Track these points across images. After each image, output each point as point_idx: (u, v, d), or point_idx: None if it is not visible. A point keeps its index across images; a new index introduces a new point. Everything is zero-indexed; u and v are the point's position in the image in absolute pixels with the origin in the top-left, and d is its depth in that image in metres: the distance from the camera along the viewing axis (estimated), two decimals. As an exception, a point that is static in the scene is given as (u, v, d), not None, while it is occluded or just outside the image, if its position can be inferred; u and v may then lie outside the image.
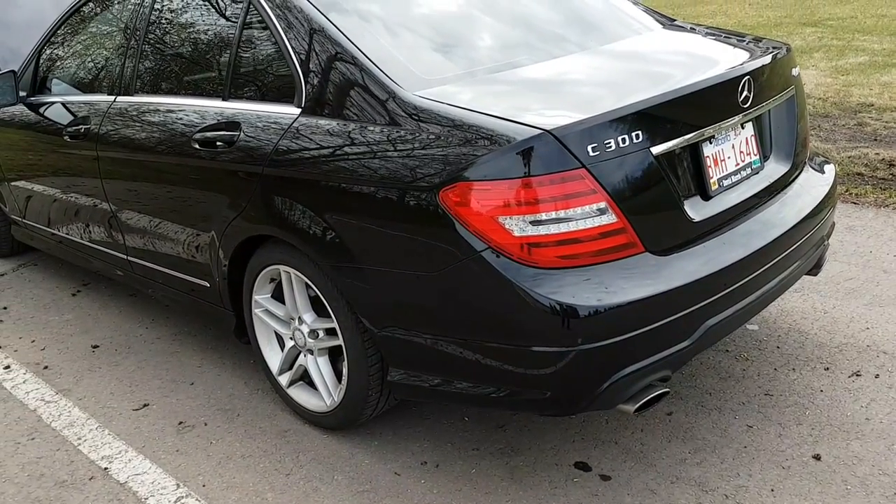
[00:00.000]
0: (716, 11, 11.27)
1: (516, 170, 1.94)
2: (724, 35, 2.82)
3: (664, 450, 2.41)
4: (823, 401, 2.58)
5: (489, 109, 2.05)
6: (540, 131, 1.94)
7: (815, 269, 2.65)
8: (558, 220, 1.96)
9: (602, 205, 1.98)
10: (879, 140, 5.24)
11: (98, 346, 3.34)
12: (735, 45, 2.62)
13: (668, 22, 2.97)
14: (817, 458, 2.32)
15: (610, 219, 1.99)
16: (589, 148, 1.96)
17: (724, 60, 2.39)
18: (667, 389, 2.11)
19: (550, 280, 1.97)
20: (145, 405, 2.88)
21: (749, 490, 2.22)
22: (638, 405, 2.06)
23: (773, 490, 2.21)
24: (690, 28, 2.91)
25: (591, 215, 1.98)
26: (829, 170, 2.70)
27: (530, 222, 1.96)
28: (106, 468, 2.53)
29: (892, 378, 2.66)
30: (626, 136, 2.01)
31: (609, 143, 1.99)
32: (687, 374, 2.77)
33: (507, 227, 1.96)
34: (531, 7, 2.72)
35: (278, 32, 2.46)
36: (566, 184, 1.95)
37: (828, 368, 2.75)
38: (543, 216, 1.96)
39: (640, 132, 2.03)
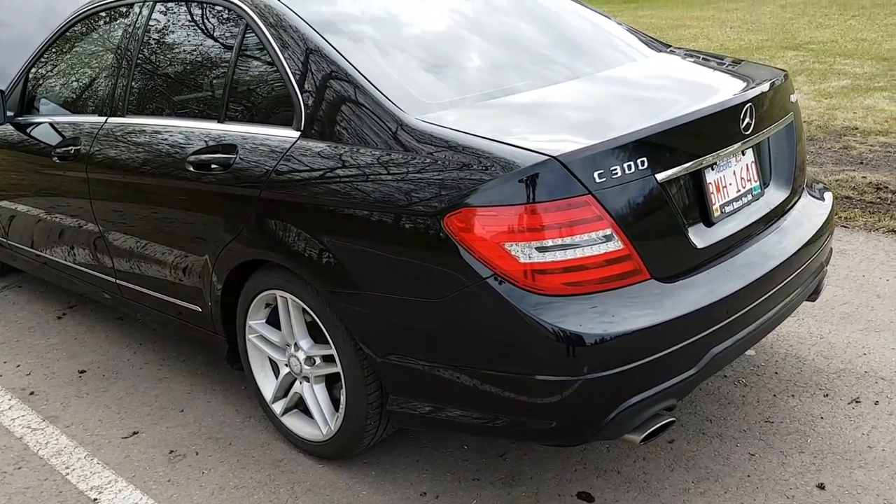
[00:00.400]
0: (697, 35, 11.41)
1: (522, 196, 1.92)
2: (720, 61, 2.83)
3: (667, 479, 2.38)
4: (824, 428, 2.56)
5: (494, 135, 2.03)
6: (546, 157, 1.92)
7: (813, 295, 2.65)
8: (564, 247, 1.94)
9: (608, 231, 1.96)
10: (865, 163, 5.29)
11: (85, 371, 3.27)
12: (733, 72, 2.63)
13: (664, 47, 2.98)
14: (821, 487, 2.30)
15: (616, 245, 1.98)
16: (595, 174, 1.95)
17: (725, 87, 2.39)
18: (673, 419, 2.08)
19: (556, 307, 1.94)
20: (135, 433, 2.81)
21: (754, 520, 2.20)
22: (645, 435, 2.04)
23: (778, 520, 2.19)
24: (686, 54, 2.91)
25: (597, 242, 1.96)
26: (828, 196, 2.71)
27: (536, 249, 1.93)
28: (95, 499, 2.46)
29: (892, 405, 2.65)
30: (631, 163, 1.99)
31: (615, 169, 1.97)
32: (687, 401, 2.75)
33: (512, 253, 1.94)
34: (528, 33, 2.72)
35: (277, 55, 2.43)
36: (572, 210, 1.93)
37: (827, 395, 2.74)
38: (549, 242, 1.93)
39: (645, 159, 2.02)
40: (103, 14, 3.29)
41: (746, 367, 2.94)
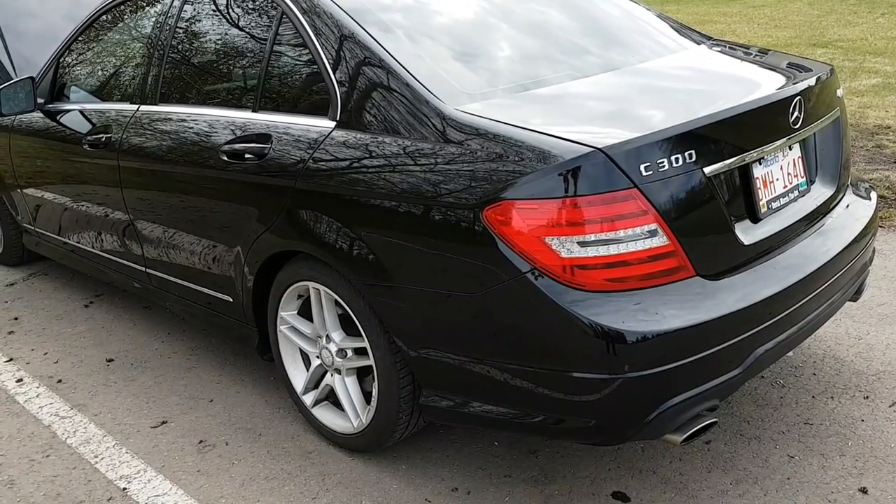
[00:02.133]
0: (724, 31, 11.27)
1: (565, 189, 1.87)
2: (763, 54, 2.77)
3: (704, 480, 2.34)
4: (865, 431, 2.50)
5: (536, 126, 1.99)
6: (591, 149, 1.88)
7: (856, 296, 2.58)
8: (607, 242, 1.89)
9: (653, 226, 1.91)
10: (900, 163, 5.19)
11: (113, 360, 3.26)
12: (778, 65, 2.57)
13: (705, 39, 2.91)
14: (864, 491, 2.24)
15: (661, 241, 1.93)
16: (641, 167, 1.90)
17: (772, 80, 2.33)
18: (716, 419, 2.03)
19: (597, 304, 1.90)
20: (163, 422, 2.80)
21: (795, 524, 2.15)
22: (686, 435, 1.99)
23: (820, 525, 2.14)
24: (728, 46, 2.85)
25: (642, 237, 1.91)
26: (873, 195, 2.64)
27: (578, 243, 1.89)
28: (125, 488, 2.45)
29: (935, 409, 2.59)
30: (679, 156, 1.94)
31: (662, 162, 1.92)
32: (723, 402, 2.69)
33: (553, 247, 1.90)
34: (568, 24, 2.66)
35: (313, 44, 2.40)
36: (616, 204, 1.89)
37: (867, 397, 2.67)
38: (592, 237, 1.89)
39: (692, 152, 1.97)
40: (134, 3, 3.27)
41: (784, 367, 2.88)
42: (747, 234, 2.11)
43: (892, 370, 2.82)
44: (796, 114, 2.21)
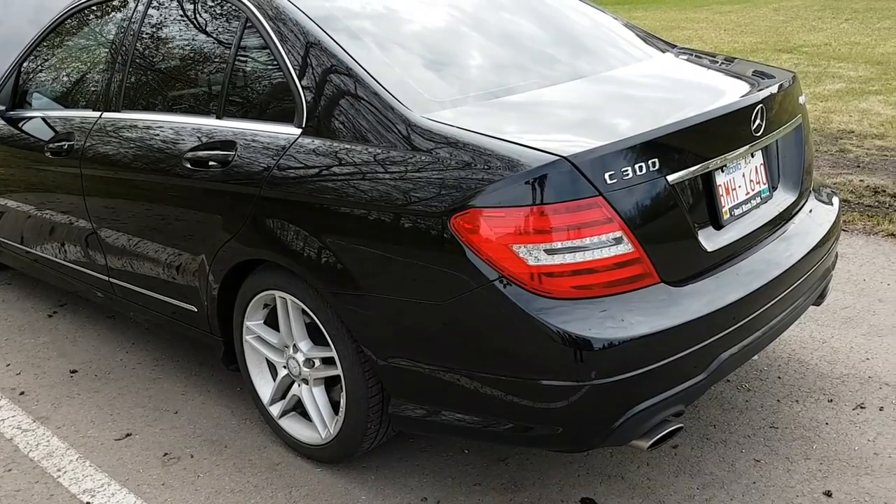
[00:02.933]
0: (691, 37, 11.40)
1: (532, 197, 1.88)
2: (727, 62, 2.80)
3: (672, 485, 2.35)
4: (829, 434, 2.54)
5: (502, 134, 1.99)
6: (556, 158, 1.88)
7: (819, 300, 2.62)
8: (573, 250, 1.90)
9: (618, 234, 1.92)
10: (862, 167, 5.28)
11: (76, 371, 3.20)
12: (741, 73, 2.60)
13: (670, 48, 2.94)
14: (828, 494, 2.27)
15: (626, 248, 1.94)
16: (606, 175, 1.91)
17: (735, 88, 2.36)
18: (681, 424, 2.04)
19: (564, 311, 1.90)
20: (128, 435, 2.75)
21: (761, 528, 2.16)
22: (653, 441, 2.00)
23: (785, 528, 2.16)
24: (692, 54, 2.88)
25: (607, 244, 1.92)
26: (835, 200, 2.68)
27: (545, 251, 1.89)
28: (88, 502, 2.40)
29: (897, 411, 2.63)
30: (642, 164, 1.95)
31: (626, 170, 1.93)
32: (690, 406, 2.71)
33: (520, 255, 1.90)
34: (533, 32, 2.67)
35: (278, 50, 2.38)
36: (582, 212, 1.89)
37: (831, 400, 2.71)
38: (558, 245, 1.89)
39: (656, 160, 1.98)
40: (98, 7, 3.22)
41: (749, 371, 2.91)
42: (710, 240, 2.13)
43: (855, 373, 2.86)
44: (758, 121, 2.24)
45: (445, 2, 2.66)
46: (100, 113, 3.03)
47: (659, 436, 2.00)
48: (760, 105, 2.24)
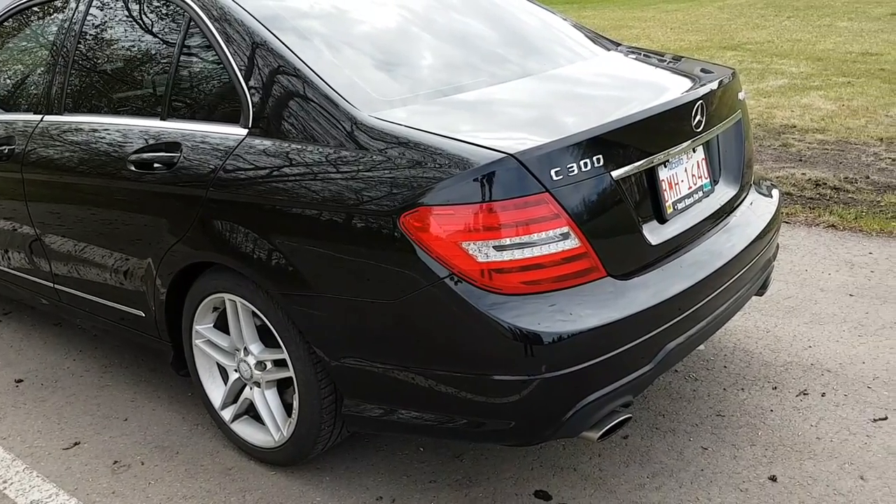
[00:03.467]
0: (639, 35, 11.58)
1: (480, 194, 1.89)
2: (669, 59, 2.86)
3: (622, 475, 2.39)
4: (774, 420, 2.61)
5: (450, 133, 2.00)
6: (503, 155, 1.90)
7: (762, 290, 2.69)
8: (521, 246, 1.92)
9: (565, 229, 1.95)
10: (804, 160, 5.43)
11: (22, 381, 3.13)
12: (683, 70, 2.65)
13: (614, 46, 2.99)
14: (773, 479, 2.33)
15: (573, 243, 1.97)
16: (552, 172, 1.93)
17: (676, 85, 2.41)
18: (630, 415, 2.09)
19: (514, 306, 1.92)
20: (76, 444, 2.70)
21: (710, 514, 2.22)
22: (602, 432, 2.03)
23: (733, 513, 2.21)
24: (636, 52, 2.93)
25: (554, 240, 1.94)
26: (775, 193, 2.76)
27: (493, 247, 1.91)
28: (35, 515, 2.35)
29: (838, 396, 2.71)
30: (587, 161, 1.99)
31: (571, 167, 1.96)
32: (639, 396, 2.76)
33: (469, 252, 1.91)
34: (480, 31, 2.69)
35: (223, 51, 2.36)
36: (529, 208, 1.92)
37: (776, 388, 2.79)
38: (507, 241, 1.91)
39: (600, 156, 2.01)
40: (39, 8, 3.15)
41: (696, 361, 2.98)
42: (655, 234, 2.17)
43: (798, 361, 2.94)
44: (699, 117, 2.29)
45: (394, 2, 2.66)
46: (41, 116, 2.97)
47: (608, 426, 2.04)
48: (701, 101, 2.29)
